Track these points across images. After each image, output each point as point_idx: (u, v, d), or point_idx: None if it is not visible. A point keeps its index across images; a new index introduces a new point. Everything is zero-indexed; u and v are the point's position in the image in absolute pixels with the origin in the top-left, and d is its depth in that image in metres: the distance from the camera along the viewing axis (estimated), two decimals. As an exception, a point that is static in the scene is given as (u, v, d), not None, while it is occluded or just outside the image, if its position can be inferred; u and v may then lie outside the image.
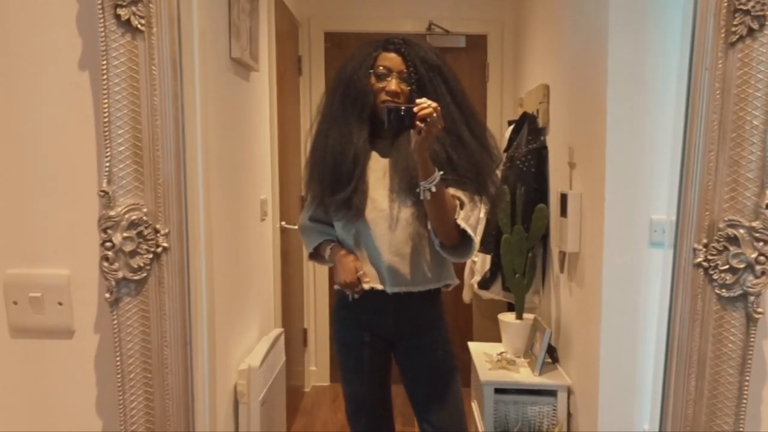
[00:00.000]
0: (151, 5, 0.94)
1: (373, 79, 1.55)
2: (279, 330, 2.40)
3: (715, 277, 0.96)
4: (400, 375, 1.72)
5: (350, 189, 1.55)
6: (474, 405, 2.46)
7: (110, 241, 0.97)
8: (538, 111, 2.43)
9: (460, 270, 2.75)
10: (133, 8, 0.94)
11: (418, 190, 1.44)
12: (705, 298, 0.97)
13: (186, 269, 1.00)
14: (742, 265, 0.95)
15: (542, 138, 2.41)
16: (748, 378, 0.98)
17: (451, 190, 1.52)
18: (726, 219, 0.95)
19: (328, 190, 1.58)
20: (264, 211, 2.37)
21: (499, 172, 1.78)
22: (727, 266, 0.96)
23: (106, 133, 0.96)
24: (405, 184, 1.52)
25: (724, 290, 0.96)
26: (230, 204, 1.93)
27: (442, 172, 1.43)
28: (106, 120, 0.95)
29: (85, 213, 1.04)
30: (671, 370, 0.98)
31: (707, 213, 0.95)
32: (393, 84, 1.53)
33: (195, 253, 1.04)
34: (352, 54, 1.61)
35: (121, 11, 0.94)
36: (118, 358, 0.99)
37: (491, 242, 2.47)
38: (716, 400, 0.98)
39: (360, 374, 1.71)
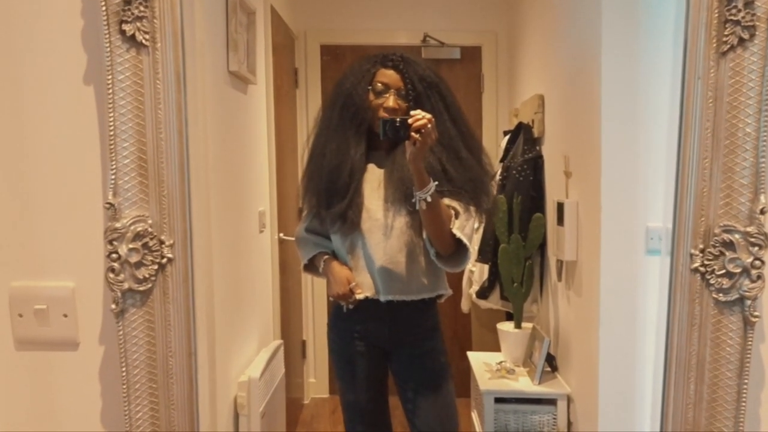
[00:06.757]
0: (155, 21, 0.96)
1: (371, 96, 1.58)
2: (278, 341, 2.41)
3: (711, 281, 0.98)
4: (394, 383, 1.73)
5: (345, 202, 1.57)
6: (474, 414, 2.46)
7: (116, 252, 0.98)
8: (533, 121, 2.46)
9: (457, 280, 2.77)
10: (138, 24, 0.96)
11: (414, 199, 1.46)
12: (702, 302, 0.98)
13: (190, 279, 1.01)
14: (738, 270, 0.97)
15: (538, 147, 2.43)
16: (746, 381, 1.00)
17: (446, 200, 1.54)
18: (721, 224, 0.97)
19: (324, 202, 1.60)
20: (262, 222, 2.39)
21: (494, 184, 1.80)
22: (723, 271, 0.97)
23: (112, 146, 0.97)
24: (399, 194, 1.54)
25: (721, 294, 0.98)
26: (229, 216, 1.94)
27: (437, 182, 1.45)
28: (111, 133, 0.97)
29: (89, 225, 1.05)
30: (671, 374, 0.99)
31: (703, 219, 0.97)
32: (391, 100, 1.56)
33: (198, 263, 1.05)
34: (350, 69, 1.64)
35: (126, 27, 0.95)
36: (123, 369, 0.99)
37: (489, 252, 2.49)
38: (716, 403, 1.00)
39: (356, 384, 1.72)
